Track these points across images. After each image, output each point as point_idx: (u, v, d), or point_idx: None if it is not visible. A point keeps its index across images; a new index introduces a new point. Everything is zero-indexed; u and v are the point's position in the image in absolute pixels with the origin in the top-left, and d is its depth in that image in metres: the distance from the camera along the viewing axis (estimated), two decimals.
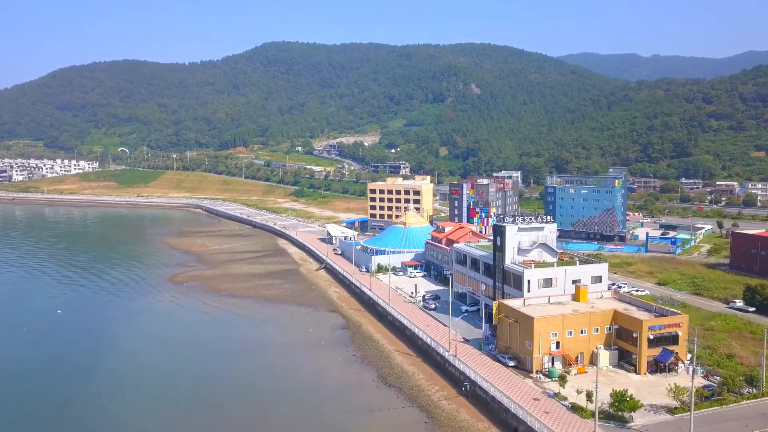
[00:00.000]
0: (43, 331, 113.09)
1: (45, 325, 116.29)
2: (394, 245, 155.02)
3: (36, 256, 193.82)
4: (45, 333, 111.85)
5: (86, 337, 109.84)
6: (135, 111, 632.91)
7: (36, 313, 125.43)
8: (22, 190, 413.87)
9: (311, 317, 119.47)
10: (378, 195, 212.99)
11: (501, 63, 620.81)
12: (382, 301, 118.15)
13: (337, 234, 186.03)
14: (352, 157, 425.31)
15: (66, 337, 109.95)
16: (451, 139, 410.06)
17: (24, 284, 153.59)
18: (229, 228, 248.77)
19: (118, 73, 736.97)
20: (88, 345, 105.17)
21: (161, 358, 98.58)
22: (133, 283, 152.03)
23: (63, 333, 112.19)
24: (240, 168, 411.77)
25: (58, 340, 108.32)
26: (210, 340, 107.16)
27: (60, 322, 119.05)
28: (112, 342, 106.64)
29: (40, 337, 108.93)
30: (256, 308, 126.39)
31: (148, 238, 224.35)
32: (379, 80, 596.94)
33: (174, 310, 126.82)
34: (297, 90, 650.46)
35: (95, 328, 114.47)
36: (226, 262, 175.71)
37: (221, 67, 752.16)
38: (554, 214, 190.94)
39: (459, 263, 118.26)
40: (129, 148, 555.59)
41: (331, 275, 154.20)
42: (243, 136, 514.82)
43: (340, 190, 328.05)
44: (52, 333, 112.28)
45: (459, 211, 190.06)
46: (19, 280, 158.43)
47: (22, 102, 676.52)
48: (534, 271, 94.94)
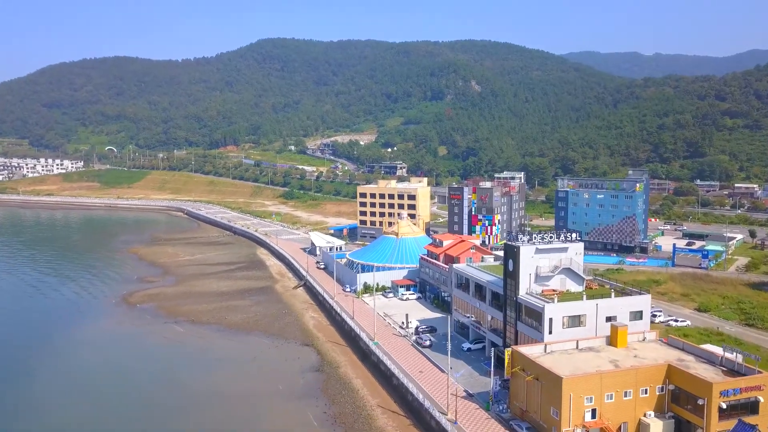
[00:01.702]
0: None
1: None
2: (384, 259, 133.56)
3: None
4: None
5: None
6: (124, 109, 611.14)
7: None
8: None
9: (279, 353, 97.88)
10: (369, 199, 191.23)
11: (502, 60, 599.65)
12: (365, 336, 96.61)
13: (321, 244, 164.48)
14: (347, 156, 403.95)
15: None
16: (450, 138, 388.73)
17: None
18: (208, 234, 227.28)
19: (108, 70, 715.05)
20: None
21: (65, 415, 77.00)
22: (76, 304, 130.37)
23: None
24: (228, 168, 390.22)
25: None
26: (141, 388, 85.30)
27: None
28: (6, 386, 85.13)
29: None
30: (213, 341, 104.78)
31: (116, 246, 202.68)
32: (377, 77, 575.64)
33: (110, 343, 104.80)
34: (292, 87, 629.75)
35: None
36: (194, 277, 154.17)
37: (215, 64, 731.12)
38: (566, 221, 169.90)
39: (460, 288, 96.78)
40: (117, 147, 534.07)
41: (311, 295, 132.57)
42: (234, 135, 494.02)
43: (332, 192, 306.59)
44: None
45: (459, 218, 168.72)
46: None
47: (9, 99, 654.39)
48: (557, 306, 73.50)
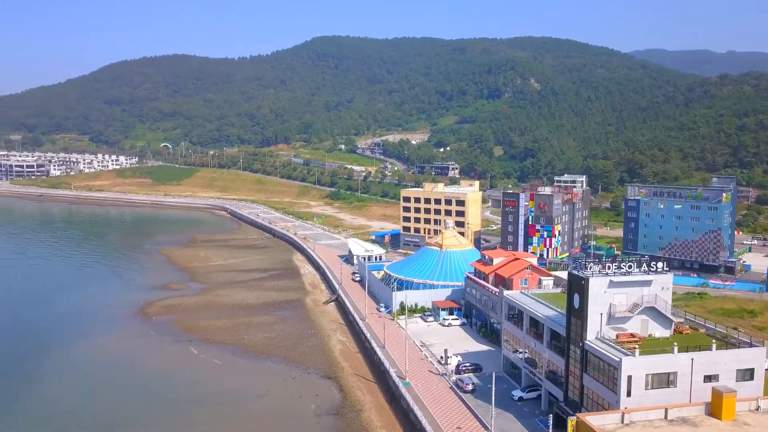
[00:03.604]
0: None
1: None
2: (425, 275, 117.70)
3: (11, 251, 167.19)
4: None
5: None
6: (180, 106, 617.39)
7: None
8: (52, 186, 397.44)
9: (295, 387, 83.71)
10: (413, 204, 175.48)
11: (563, 57, 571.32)
12: (395, 373, 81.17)
13: (358, 252, 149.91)
14: (397, 156, 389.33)
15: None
16: (507, 138, 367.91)
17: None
18: (246, 236, 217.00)
19: (167, 67, 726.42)
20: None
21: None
22: (90, 313, 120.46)
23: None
24: (276, 167, 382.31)
25: None
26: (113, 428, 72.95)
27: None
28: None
29: None
30: (225, 367, 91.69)
31: (150, 248, 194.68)
32: (431, 75, 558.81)
33: (103, 367, 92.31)
34: (345, 86, 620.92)
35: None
36: (221, 285, 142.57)
37: (269, 62, 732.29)
38: (637, 234, 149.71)
39: (511, 320, 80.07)
40: (171, 144, 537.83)
41: (341, 313, 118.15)
42: (285, 133, 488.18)
43: (379, 193, 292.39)
44: None
45: (514, 227, 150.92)
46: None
47: (72, 97, 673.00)
48: (639, 360, 56.06)
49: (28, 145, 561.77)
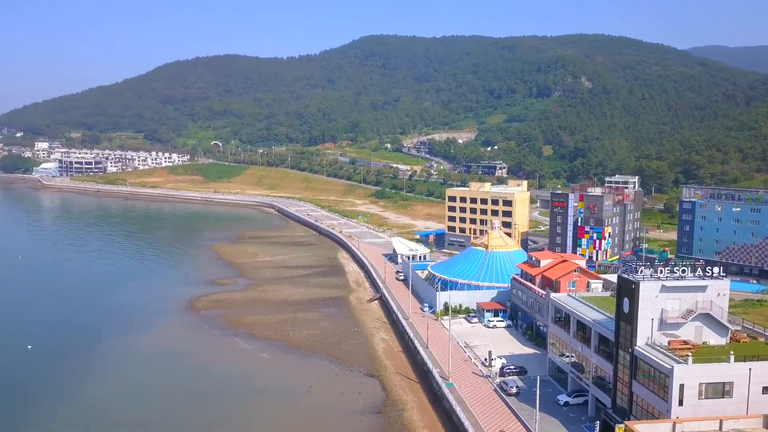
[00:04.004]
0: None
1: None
2: (470, 275, 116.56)
3: (69, 249, 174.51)
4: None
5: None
6: (230, 105, 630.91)
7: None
8: (109, 182, 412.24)
9: (339, 385, 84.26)
10: (458, 204, 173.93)
11: (615, 55, 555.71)
12: (438, 373, 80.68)
13: (403, 251, 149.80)
14: (444, 155, 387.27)
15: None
16: (556, 137, 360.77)
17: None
18: (293, 233, 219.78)
19: (218, 67, 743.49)
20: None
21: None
22: (143, 306, 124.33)
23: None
24: (323, 165, 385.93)
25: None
26: (162, 421, 74.79)
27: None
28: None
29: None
30: (271, 362, 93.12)
31: (200, 243, 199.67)
32: (479, 73, 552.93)
33: (154, 359, 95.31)
34: (392, 84, 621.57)
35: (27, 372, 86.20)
36: (267, 281, 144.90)
37: (318, 61, 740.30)
38: (692, 237, 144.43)
39: (558, 323, 78.44)
40: (222, 142, 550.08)
41: (385, 312, 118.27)
42: (332, 132, 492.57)
43: (424, 192, 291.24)
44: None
45: (562, 228, 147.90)
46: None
47: (129, 96, 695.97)
48: (692, 368, 54.01)
49: (87, 142, 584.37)
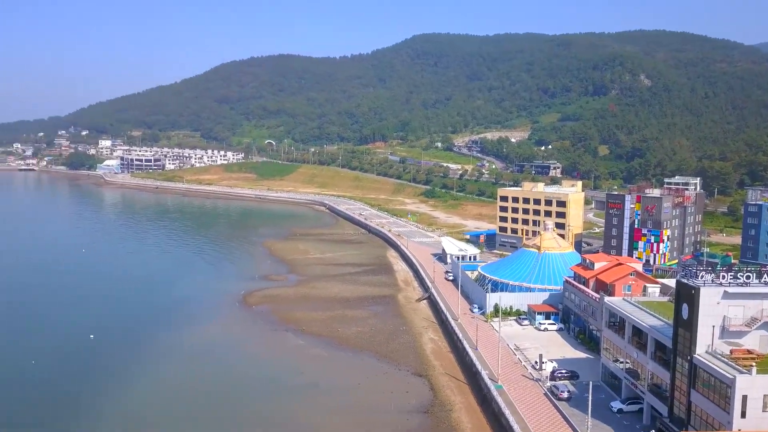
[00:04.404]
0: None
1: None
2: (521, 277, 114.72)
3: (130, 243, 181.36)
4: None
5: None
6: (284, 104, 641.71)
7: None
8: (167, 179, 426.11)
9: (386, 383, 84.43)
10: (510, 204, 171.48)
11: (677, 51, 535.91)
12: (487, 375, 79.76)
13: (452, 251, 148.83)
14: (495, 154, 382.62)
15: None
16: (613, 137, 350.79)
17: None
18: (343, 231, 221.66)
19: (272, 67, 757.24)
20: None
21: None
22: (198, 299, 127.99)
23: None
24: (373, 164, 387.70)
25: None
26: (213, 411, 76.51)
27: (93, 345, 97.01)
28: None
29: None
30: (318, 359, 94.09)
31: (253, 239, 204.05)
32: (533, 71, 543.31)
33: (207, 351, 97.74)
34: (444, 83, 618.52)
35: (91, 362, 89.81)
36: (318, 278, 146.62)
37: (369, 61, 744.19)
38: (757, 242, 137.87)
39: (612, 328, 76.26)
40: (275, 141, 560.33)
41: (433, 311, 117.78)
42: (383, 131, 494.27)
43: (475, 192, 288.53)
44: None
45: (618, 230, 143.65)
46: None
47: (187, 96, 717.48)
48: (757, 379, 51.53)
49: (147, 140, 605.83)
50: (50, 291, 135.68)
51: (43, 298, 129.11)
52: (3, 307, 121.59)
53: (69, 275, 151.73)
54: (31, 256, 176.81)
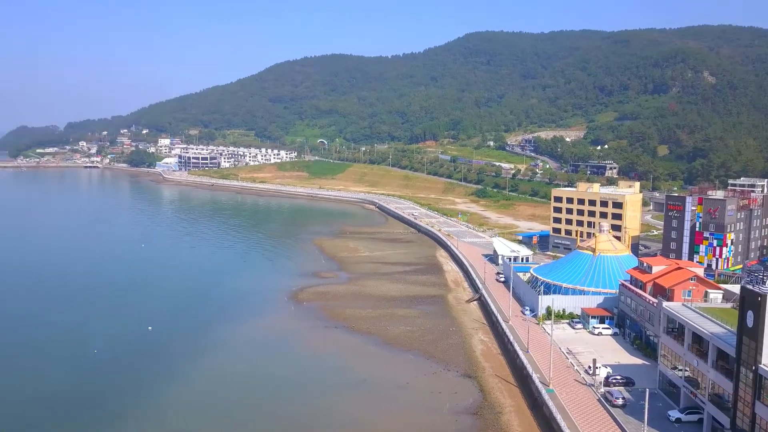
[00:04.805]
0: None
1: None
2: (575, 280, 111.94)
3: (187, 238, 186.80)
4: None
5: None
6: (336, 104, 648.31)
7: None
8: (222, 177, 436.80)
9: (435, 383, 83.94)
10: (565, 204, 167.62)
11: (744, 47, 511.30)
12: (538, 378, 78.21)
13: (503, 252, 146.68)
14: (549, 153, 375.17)
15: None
16: (673, 136, 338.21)
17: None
18: (392, 230, 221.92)
19: (325, 67, 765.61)
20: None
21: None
22: (250, 294, 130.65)
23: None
24: (423, 163, 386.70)
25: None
26: (266, 405, 77.91)
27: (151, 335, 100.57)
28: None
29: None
30: (366, 356, 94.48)
31: (305, 236, 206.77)
32: (589, 69, 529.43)
33: (259, 346, 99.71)
34: (496, 81, 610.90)
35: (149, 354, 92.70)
36: (367, 276, 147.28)
37: (421, 59, 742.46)
38: None
39: (671, 334, 73.50)
40: (327, 140, 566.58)
41: (484, 313, 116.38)
42: (434, 130, 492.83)
43: (528, 192, 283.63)
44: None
45: (678, 234, 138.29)
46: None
47: (241, 95, 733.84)
48: None
49: (204, 139, 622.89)
50: (110, 283, 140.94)
51: (102, 289, 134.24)
52: (70, 297, 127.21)
53: (127, 270, 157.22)
54: (95, 249, 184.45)
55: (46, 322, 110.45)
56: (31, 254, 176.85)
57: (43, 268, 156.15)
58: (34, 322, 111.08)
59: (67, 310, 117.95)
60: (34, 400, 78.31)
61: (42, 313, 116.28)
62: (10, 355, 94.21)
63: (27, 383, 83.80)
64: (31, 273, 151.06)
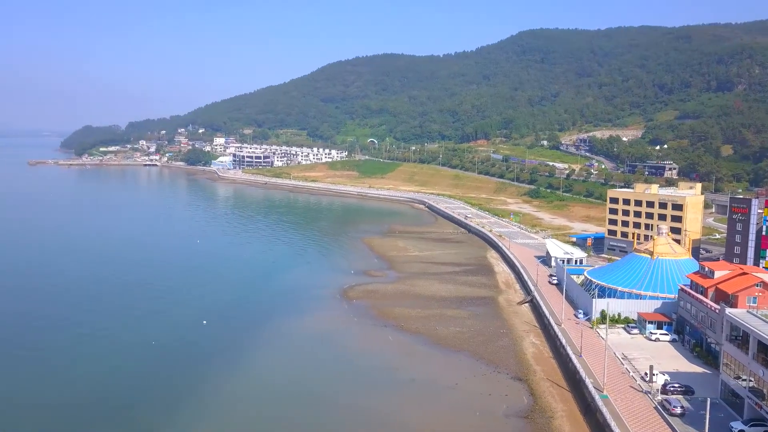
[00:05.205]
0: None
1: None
2: (632, 284, 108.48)
3: (240, 235, 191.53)
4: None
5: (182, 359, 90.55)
6: (386, 103, 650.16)
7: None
8: (275, 175, 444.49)
9: (484, 385, 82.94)
10: (621, 206, 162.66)
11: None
12: (592, 383, 76.15)
13: (557, 254, 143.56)
14: (605, 153, 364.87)
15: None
16: (738, 136, 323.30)
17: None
18: (442, 230, 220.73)
19: (376, 66, 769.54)
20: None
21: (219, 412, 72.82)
22: (300, 291, 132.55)
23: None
24: (474, 162, 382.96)
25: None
26: (312, 401, 78.58)
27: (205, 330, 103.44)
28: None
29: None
30: (415, 356, 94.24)
31: (354, 235, 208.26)
32: (648, 67, 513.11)
33: (316, 341, 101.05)
34: (550, 80, 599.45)
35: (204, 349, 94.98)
36: (416, 276, 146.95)
37: (473, 58, 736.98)
38: None
39: (734, 342, 70.25)
40: (377, 139, 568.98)
41: (535, 315, 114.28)
42: (485, 129, 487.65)
43: (582, 193, 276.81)
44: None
45: (743, 237, 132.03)
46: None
47: (294, 95, 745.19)
48: None
49: (257, 138, 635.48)
50: (167, 278, 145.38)
51: (160, 282, 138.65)
52: (130, 290, 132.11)
53: (184, 265, 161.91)
54: (154, 244, 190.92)
55: (110, 314, 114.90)
56: (95, 248, 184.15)
57: (107, 262, 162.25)
58: (104, 308, 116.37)
59: (129, 305, 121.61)
60: (98, 385, 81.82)
61: (108, 305, 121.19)
62: (74, 344, 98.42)
63: (91, 370, 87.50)
64: (94, 265, 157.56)
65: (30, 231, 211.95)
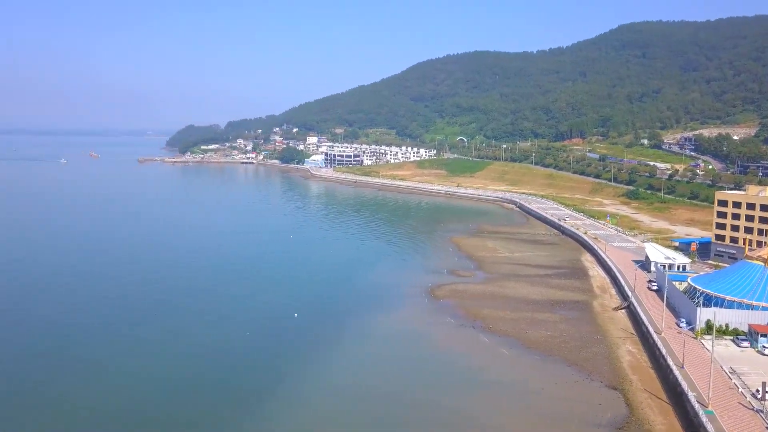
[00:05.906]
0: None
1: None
2: (742, 293, 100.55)
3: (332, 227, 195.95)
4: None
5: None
6: (477, 101, 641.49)
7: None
8: (364, 174, 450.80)
9: (575, 392, 79.84)
10: (731, 210, 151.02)
11: None
12: (695, 397, 71.28)
13: (657, 258, 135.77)
14: (713, 153, 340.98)
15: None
16: None
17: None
18: (534, 231, 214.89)
19: (467, 64, 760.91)
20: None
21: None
22: (387, 288, 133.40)
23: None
24: (569, 162, 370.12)
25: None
26: (389, 399, 78.46)
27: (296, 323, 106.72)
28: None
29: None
30: (503, 358, 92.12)
31: (442, 234, 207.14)
32: (764, 59, 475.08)
33: (401, 338, 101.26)
34: (651, 75, 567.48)
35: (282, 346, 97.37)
36: (506, 277, 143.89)
37: (568, 54, 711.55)
38: None
39: None
40: (467, 138, 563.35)
41: (633, 322, 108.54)
42: (581, 127, 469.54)
43: (686, 195, 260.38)
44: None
45: None
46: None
47: (384, 94, 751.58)
48: None
49: (348, 137, 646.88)
50: (259, 271, 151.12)
51: (253, 278, 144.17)
52: (231, 283, 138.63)
53: (278, 259, 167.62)
54: (249, 239, 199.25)
55: (209, 304, 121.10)
56: (196, 240, 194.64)
57: (206, 255, 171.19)
58: (214, 296, 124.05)
59: (228, 298, 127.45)
60: (194, 373, 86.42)
61: (208, 293, 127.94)
62: (178, 333, 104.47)
63: (190, 358, 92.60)
64: (194, 256, 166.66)
65: (148, 224, 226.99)
